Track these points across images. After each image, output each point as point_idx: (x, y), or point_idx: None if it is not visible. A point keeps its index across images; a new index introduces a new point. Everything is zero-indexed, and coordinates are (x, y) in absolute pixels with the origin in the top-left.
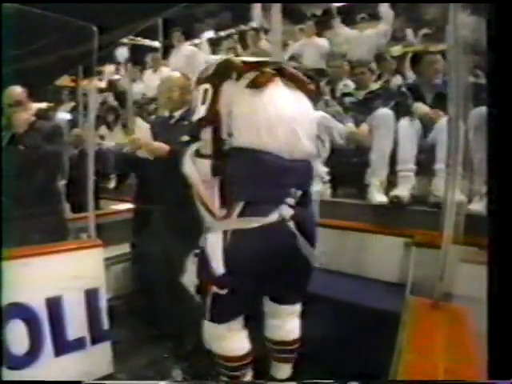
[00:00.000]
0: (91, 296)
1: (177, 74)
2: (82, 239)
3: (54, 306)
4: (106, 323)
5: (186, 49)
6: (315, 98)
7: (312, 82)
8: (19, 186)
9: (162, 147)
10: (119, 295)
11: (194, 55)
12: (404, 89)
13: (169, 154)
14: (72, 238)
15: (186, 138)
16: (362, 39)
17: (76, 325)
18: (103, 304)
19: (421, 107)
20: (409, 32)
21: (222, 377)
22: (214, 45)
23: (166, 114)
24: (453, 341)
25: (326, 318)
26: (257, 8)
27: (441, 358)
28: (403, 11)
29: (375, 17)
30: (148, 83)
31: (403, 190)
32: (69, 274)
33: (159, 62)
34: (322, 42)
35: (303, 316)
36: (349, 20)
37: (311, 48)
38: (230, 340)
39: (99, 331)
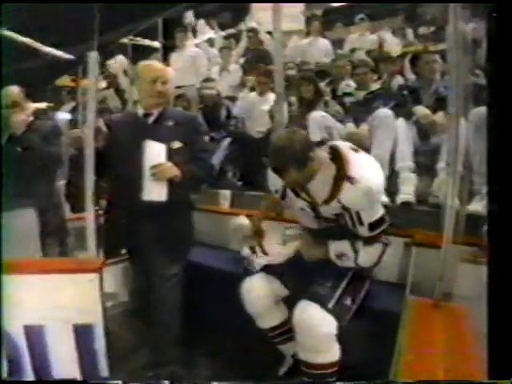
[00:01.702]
0: (82, 333)
1: (159, 64)
2: (77, 257)
3: (35, 335)
4: (104, 368)
5: (190, 50)
6: (314, 99)
7: (310, 85)
8: (19, 187)
9: (175, 171)
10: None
11: (197, 56)
12: (405, 91)
13: (181, 177)
14: (69, 255)
15: (177, 144)
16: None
17: (63, 363)
18: (100, 345)
19: (420, 109)
20: (409, 32)
21: None
22: (209, 44)
23: (140, 111)
24: (453, 341)
25: None
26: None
27: (441, 358)
28: (403, 11)
29: (374, 17)
30: None
31: (408, 194)
32: (52, 301)
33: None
34: (326, 42)
35: None
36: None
37: (315, 48)
38: None
39: (95, 376)
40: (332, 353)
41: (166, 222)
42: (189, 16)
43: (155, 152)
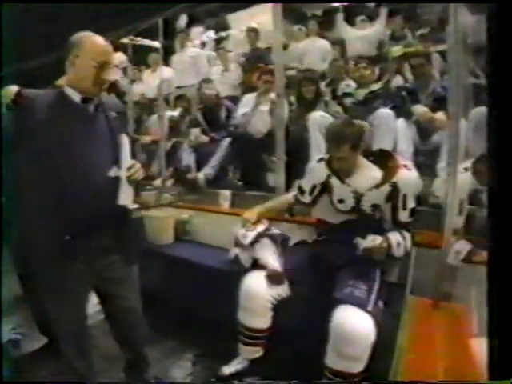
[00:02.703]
0: None
1: (107, 44)
2: None
3: None
4: None
5: (190, 50)
6: (314, 100)
7: (313, 85)
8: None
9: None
10: None
11: (198, 56)
12: (403, 92)
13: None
14: None
15: (125, 138)
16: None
17: None
18: None
19: (419, 108)
20: (408, 32)
21: None
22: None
23: (75, 96)
24: (453, 341)
25: (326, 317)
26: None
27: (441, 358)
28: (403, 11)
29: (374, 18)
30: (147, 83)
31: None
32: None
33: (159, 62)
34: (325, 42)
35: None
36: (349, 21)
37: (314, 49)
38: None
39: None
40: (365, 362)
41: (123, 227)
42: (181, 19)
43: (127, 149)
